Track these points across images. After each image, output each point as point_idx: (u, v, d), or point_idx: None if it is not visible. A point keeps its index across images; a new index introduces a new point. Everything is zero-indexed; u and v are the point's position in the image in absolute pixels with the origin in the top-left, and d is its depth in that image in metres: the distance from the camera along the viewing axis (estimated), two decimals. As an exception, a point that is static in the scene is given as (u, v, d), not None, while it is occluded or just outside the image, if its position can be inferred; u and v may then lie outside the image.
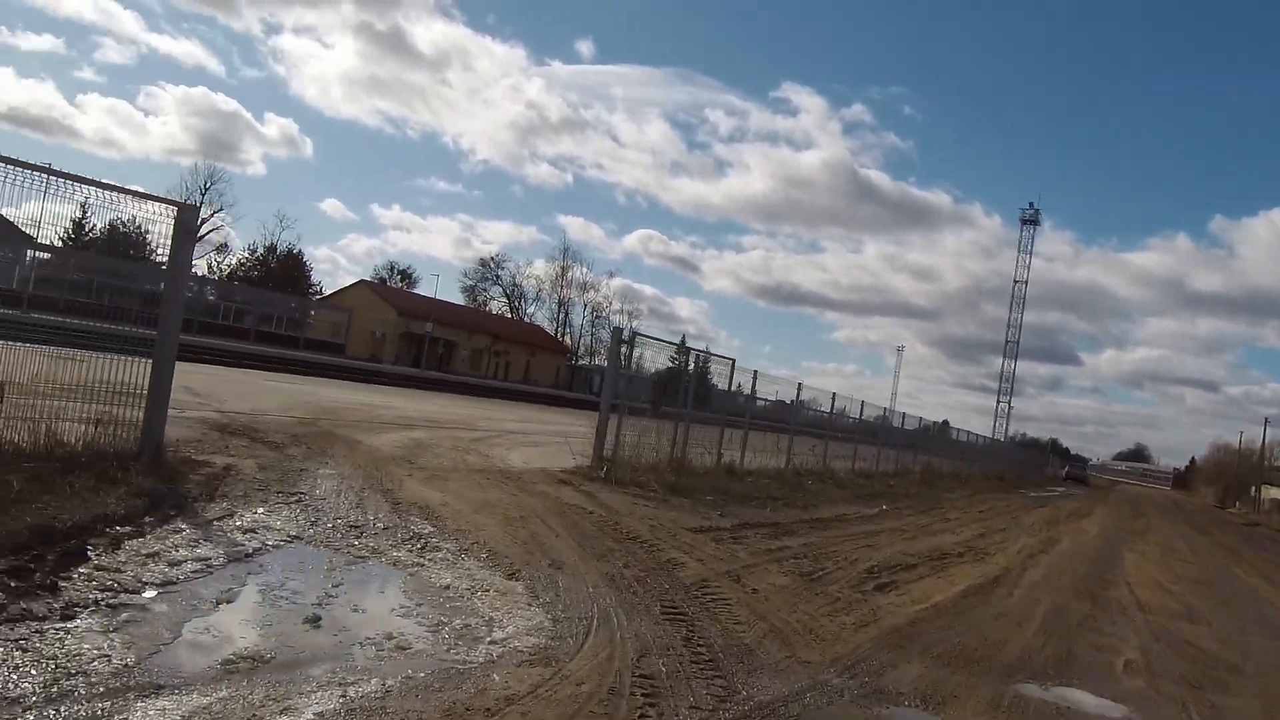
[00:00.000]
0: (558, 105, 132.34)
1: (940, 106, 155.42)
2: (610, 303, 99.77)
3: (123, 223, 14.74)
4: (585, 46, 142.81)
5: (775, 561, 8.28)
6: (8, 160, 6.59)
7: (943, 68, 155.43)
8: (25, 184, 6.82)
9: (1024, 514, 22.37)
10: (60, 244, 61.28)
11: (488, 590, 5.74)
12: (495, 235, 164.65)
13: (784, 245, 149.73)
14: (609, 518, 8.95)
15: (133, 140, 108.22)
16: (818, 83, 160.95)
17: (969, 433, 44.53)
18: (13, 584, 4.15)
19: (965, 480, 32.83)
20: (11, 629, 3.79)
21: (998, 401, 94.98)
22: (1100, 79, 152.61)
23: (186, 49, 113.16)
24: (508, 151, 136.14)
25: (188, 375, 20.62)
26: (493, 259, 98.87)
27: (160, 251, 8.34)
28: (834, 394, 22.58)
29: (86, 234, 69.02)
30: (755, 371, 17.12)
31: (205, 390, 16.54)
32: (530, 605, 5.56)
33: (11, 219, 8.87)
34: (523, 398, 42.56)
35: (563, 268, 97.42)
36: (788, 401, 21.31)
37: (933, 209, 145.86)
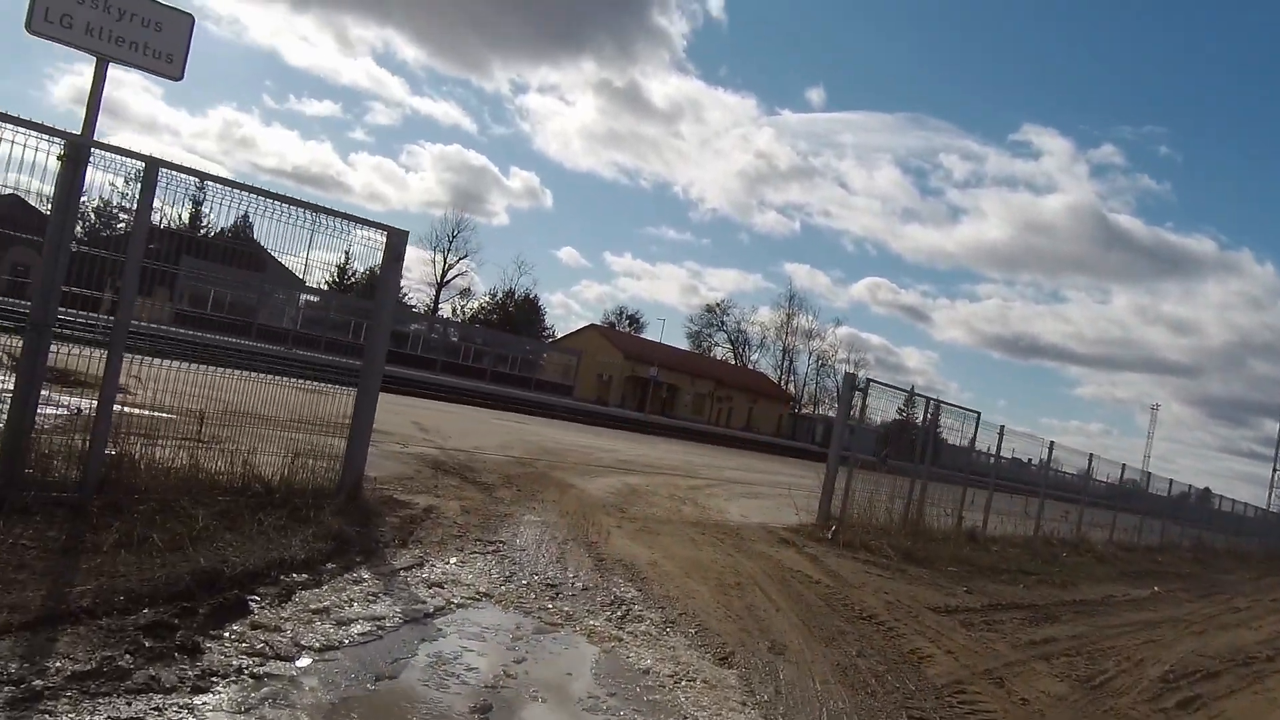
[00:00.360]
0: (787, 153, 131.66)
1: (1201, 144, 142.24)
2: (836, 351, 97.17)
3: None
4: (815, 94, 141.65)
5: (1042, 658, 6.80)
6: (224, 181, 6.38)
7: (1202, 103, 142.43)
8: (295, 224, 6.70)
9: (1328, 606, 18.90)
10: (326, 287, 66.53)
11: (694, 679, 4.75)
12: (722, 282, 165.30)
13: (1022, 295, 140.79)
14: (837, 589, 7.76)
15: (395, 194, 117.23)
16: (1062, 123, 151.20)
17: (1235, 501, 39.16)
18: (148, 643, 3.58)
19: (1243, 558, 28.62)
20: (128, 703, 3.18)
21: (1274, 469, 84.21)
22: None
23: (444, 109, 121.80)
24: (736, 200, 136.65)
25: (420, 411, 21.15)
26: (718, 305, 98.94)
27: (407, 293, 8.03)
28: (1091, 455, 20.07)
29: (350, 278, 74.80)
30: (1002, 426, 15.29)
31: (434, 426, 16.67)
32: (745, 705, 4.52)
33: (290, 265, 8.95)
34: (744, 445, 41.55)
35: (788, 314, 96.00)
36: (1026, 461, 19.16)
37: (1193, 256, 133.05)
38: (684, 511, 11.00)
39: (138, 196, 5.75)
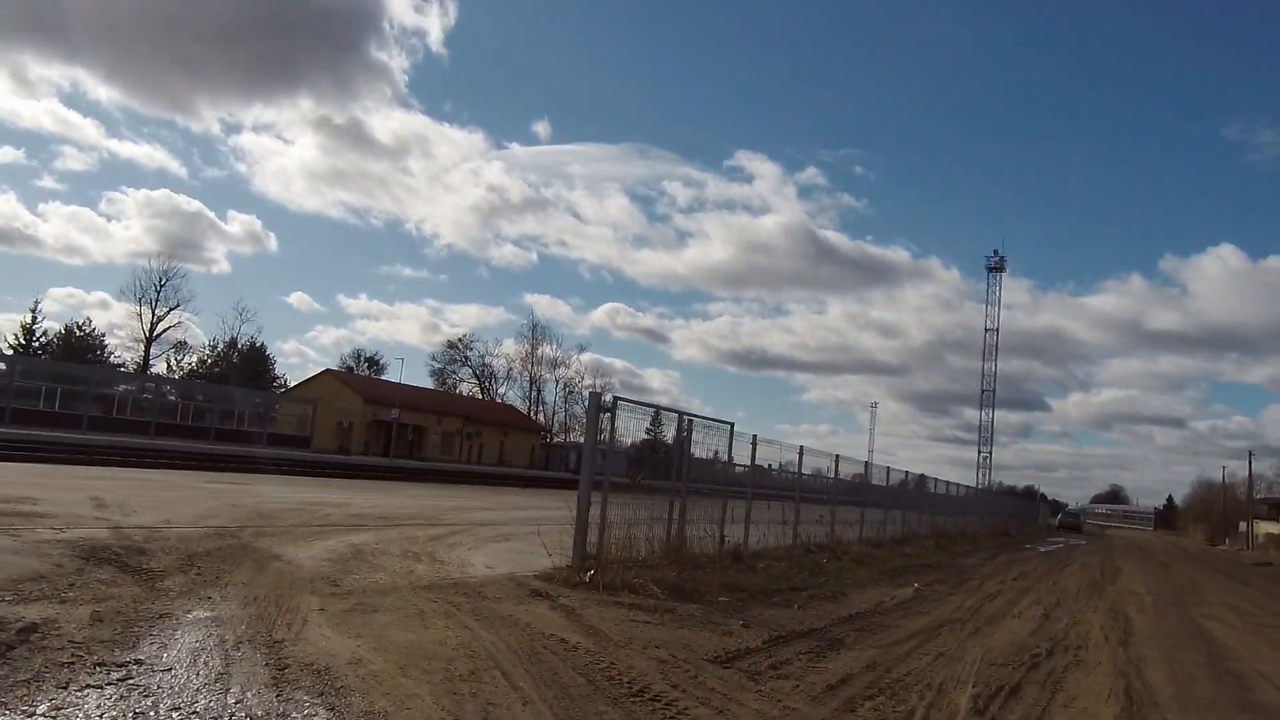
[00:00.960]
0: (518, 186, 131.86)
1: (891, 164, 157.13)
2: (582, 378, 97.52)
3: None
4: (542, 128, 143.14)
5: (847, 709, 5.65)
6: None
7: (889, 126, 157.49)
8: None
9: (1058, 577, 19.78)
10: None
11: None
12: (464, 318, 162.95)
13: (750, 310, 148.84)
14: (600, 653, 6.30)
15: (96, 245, 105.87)
16: (769, 149, 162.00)
17: (950, 484, 41.78)
18: None
19: (974, 539, 30.27)
20: None
21: (979, 451, 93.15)
22: (1041, 124, 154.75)
23: (147, 152, 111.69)
24: (471, 234, 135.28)
25: (109, 483, 17.80)
26: (460, 340, 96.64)
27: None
28: (836, 455, 20.03)
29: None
30: (754, 436, 14.58)
31: (119, 500, 13.77)
32: None
33: None
34: (496, 481, 39.73)
35: (532, 344, 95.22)
36: (766, 466, 18.81)
37: (892, 265, 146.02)
38: (417, 572, 9.19)
39: None
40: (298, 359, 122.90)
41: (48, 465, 21.42)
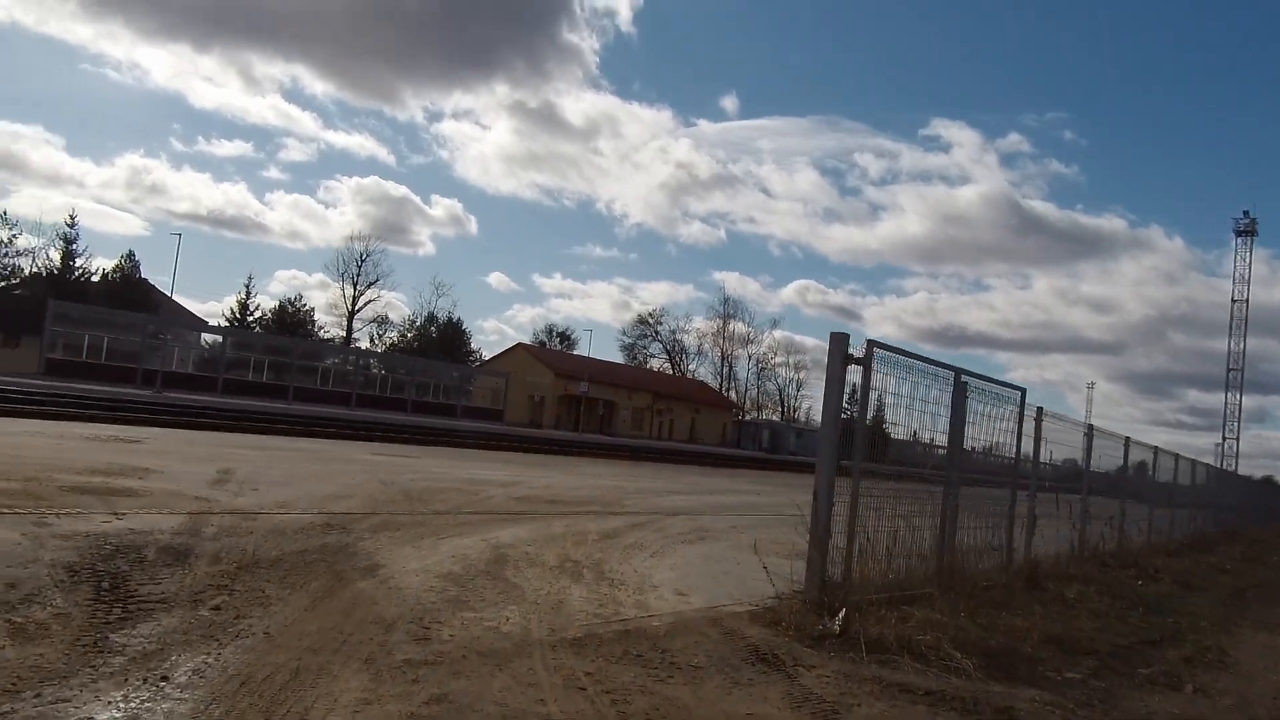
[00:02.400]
0: (706, 163, 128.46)
1: (1105, 127, 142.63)
2: (775, 354, 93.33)
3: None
4: (729, 103, 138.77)
5: None
6: None
7: (1103, 84, 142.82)
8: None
9: None
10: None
11: None
12: (653, 296, 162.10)
13: (947, 286, 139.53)
14: None
15: (315, 230, 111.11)
16: (968, 116, 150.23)
17: (1218, 469, 34.79)
18: None
19: (1270, 542, 24.43)
20: None
21: (1224, 438, 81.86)
22: (1233, 85, 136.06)
23: (359, 142, 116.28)
24: (660, 213, 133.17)
25: (265, 453, 15.75)
26: (651, 315, 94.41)
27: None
28: (1128, 438, 15.33)
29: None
30: (1039, 409, 10.45)
31: (248, 474, 11.35)
32: None
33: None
34: (687, 459, 36.56)
35: (723, 320, 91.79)
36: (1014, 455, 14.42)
37: (1106, 236, 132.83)
38: (569, 604, 5.90)
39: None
40: (497, 337, 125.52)
41: (218, 433, 19.89)
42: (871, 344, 6.33)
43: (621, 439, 53.50)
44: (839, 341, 6.26)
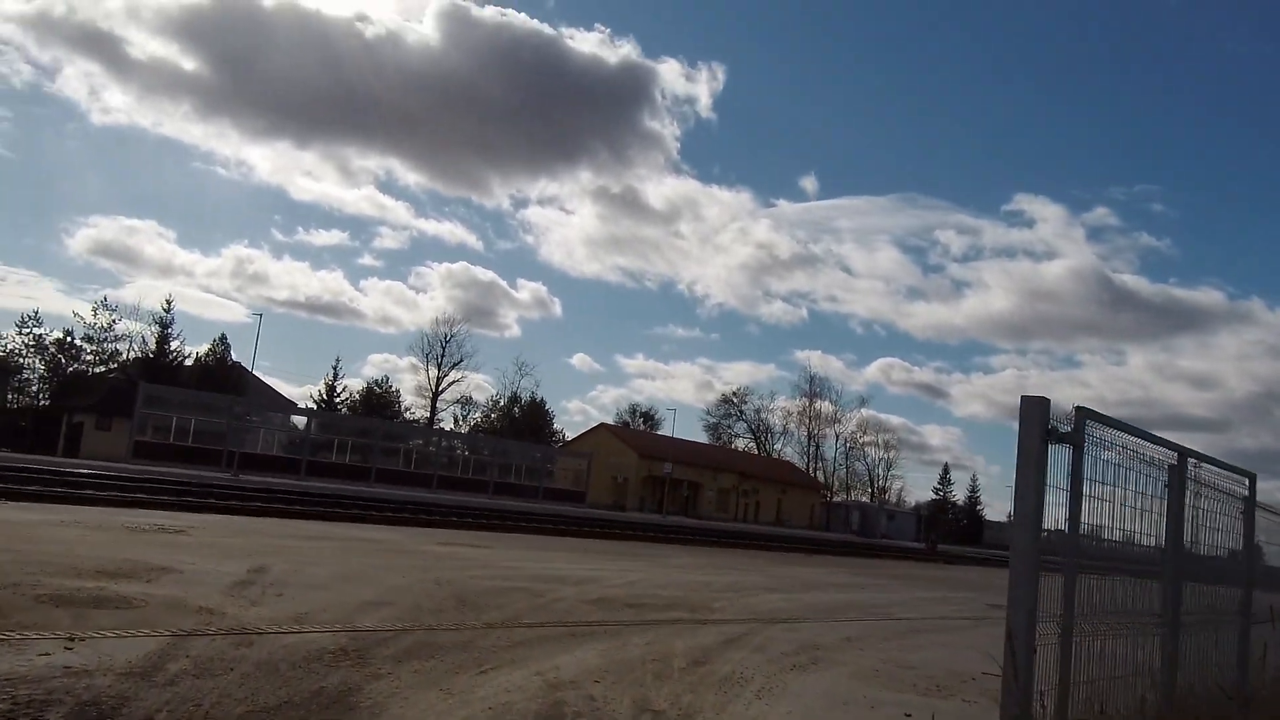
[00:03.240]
0: (786, 243, 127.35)
1: (1196, 198, 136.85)
2: (863, 434, 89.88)
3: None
4: (809, 183, 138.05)
5: None
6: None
7: (1192, 156, 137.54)
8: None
9: None
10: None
11: None
12: (735, 375, 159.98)
13: (1036, 362, 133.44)
14: None
15: (407, 315, 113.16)
16: (1052, 190, 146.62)
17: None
18: None
19: None
20: None
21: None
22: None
23: (449, 229, 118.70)
24: (741, 293, 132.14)
25: (315, 543, 13.94)
26: (735, 394, 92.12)
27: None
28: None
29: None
30: None
31: (280, 574, 9.67)
32: None
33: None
34: (776, 545, 34.00)
35: (809, 399, 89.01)
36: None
37: (1203, 309, 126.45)
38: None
39: None
40: (581, 417, 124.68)
41: (279, 520, 18.52)
42: (1082, 413, 4.32)
43: (707, 522, 51.05)
44: (1036, 409, 4.27)
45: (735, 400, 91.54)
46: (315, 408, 61.76)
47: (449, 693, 5.42)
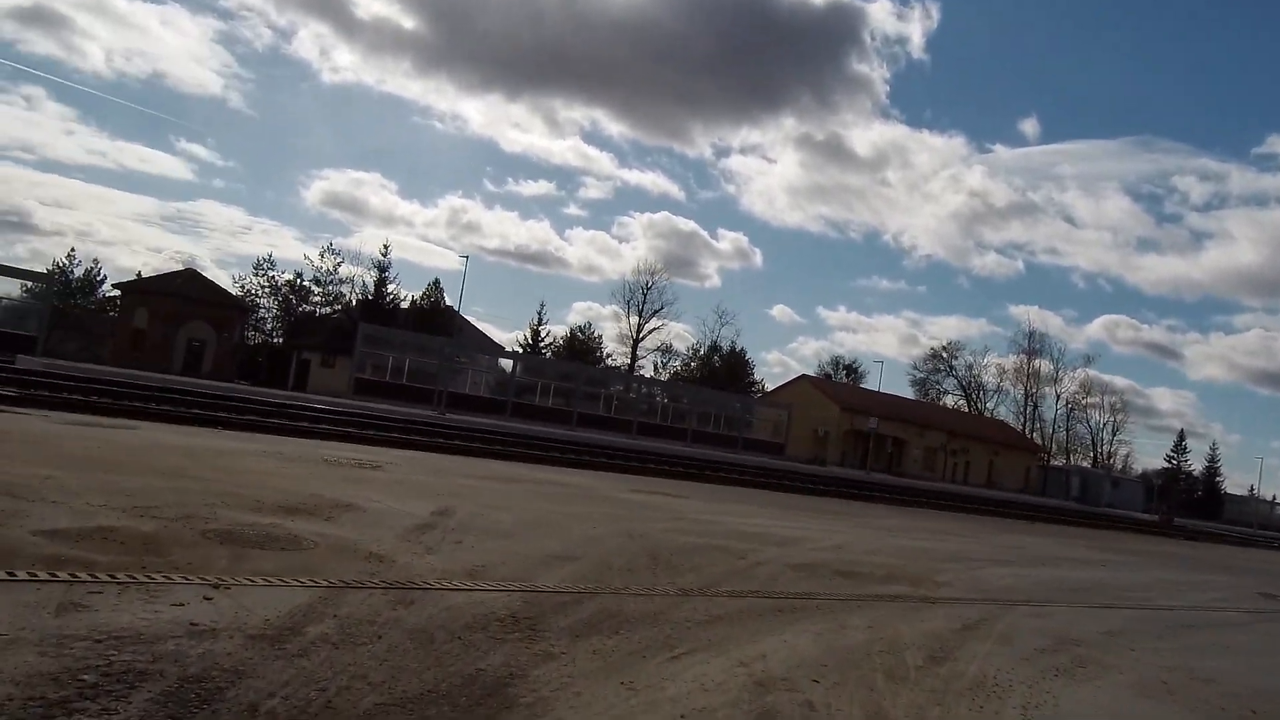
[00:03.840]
0: (1003, 191, 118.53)
1: None
2: (1086, 395, 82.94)
3: None
4: (1029, 127, 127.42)
5: None
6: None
7: None
8: None
9: None
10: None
11: None
12: (942, 330, 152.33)
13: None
14: None
15: (610, 264, 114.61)
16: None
17: None
18: None
19: None
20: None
21: None
22: None
23: (651, 179, 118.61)
24: (951, 244, 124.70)
25: (506, 485, 13.34)
26: (945, 349, 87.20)
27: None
28: None
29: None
30: None
31: (464, 518, 9.02)
32: None
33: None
34: (990, 509, 31.28)
35: (1028, 355, 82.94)
36: None
37: None
38: None
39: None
40: (780, 369, 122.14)
41: (476, 460, 18.35)
42: None
43: (913, 480, 48.36)
44: None
45: (945, 355, 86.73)
46: (521, 351, 63.45)
47: (632, 688, 4.32)
